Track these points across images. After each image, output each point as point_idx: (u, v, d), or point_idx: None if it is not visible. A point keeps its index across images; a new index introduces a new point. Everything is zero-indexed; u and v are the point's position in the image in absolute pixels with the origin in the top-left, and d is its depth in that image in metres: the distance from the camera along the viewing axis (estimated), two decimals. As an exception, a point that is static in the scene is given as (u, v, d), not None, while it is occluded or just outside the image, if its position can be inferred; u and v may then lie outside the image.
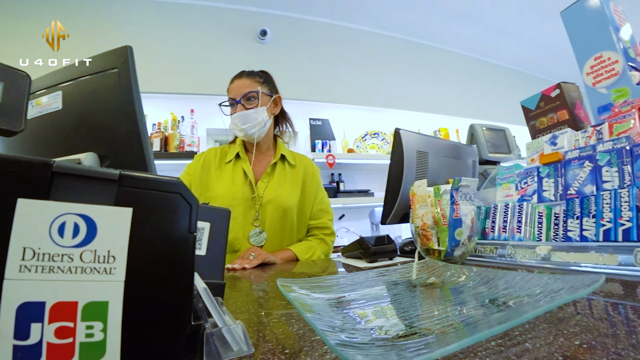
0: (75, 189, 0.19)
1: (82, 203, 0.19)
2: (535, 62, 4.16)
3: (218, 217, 0.41)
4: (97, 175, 0.19)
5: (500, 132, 1.69)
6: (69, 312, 0.18)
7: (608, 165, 0.67)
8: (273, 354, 0.29)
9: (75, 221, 0.19)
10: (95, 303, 0.19)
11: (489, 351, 0.28)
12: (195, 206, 0.22)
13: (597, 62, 1.03)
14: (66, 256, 0.18)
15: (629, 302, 0.40)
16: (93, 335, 0.19)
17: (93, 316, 0.19)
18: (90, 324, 0.19)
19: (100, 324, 0.19)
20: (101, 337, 0.19)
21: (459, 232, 0.68)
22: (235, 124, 1.16)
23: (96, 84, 0.65)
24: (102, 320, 0.19)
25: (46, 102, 0.70)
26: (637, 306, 0.39)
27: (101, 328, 0.19)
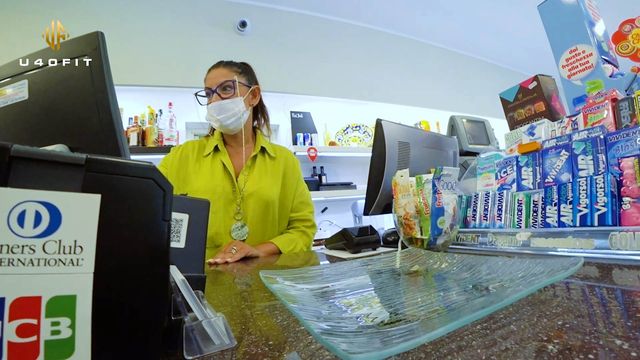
0: (36, 175, 0.17)
1: (44, 190, 0.17)
2: (513, 56, 4.27)
3: (197, 208, 0.40)
4: (61, 159, 0.18)
5: (479, 124, 1.72)
6: (32, 308, 0.17)
7: (583, 153, 0.69)
8: (257, 346, 0.29)
9: (36, 209, 0.17)
10: (61, 297, 0.17)
11: (475, 334, 0.28)
12: (169, 192, 0.21)
13: (572, 55, 1.06)
14: (27, 247, 0.17)
15: (605, 285, 0.41)
16: (60, 332, 0.17)
17: (59, 312, 0.17)
18: (56, 320, 0.17)
19: (67, 319, 0.18)
20: (69, 334, 0.18)
21: (441, 220, 0.69)
22: (211, 114, 1.12)
23: (65, 73, 0.61)
24: (70, 316, 0.18)
25: (11, 92, 0.65)
26: (613, 288, 0.40)
27: (68, 324, 0.18)
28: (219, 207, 1.08)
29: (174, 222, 0.37)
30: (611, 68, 1.03)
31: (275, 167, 1.22)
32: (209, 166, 1.14)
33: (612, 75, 1.00)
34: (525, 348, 0.25)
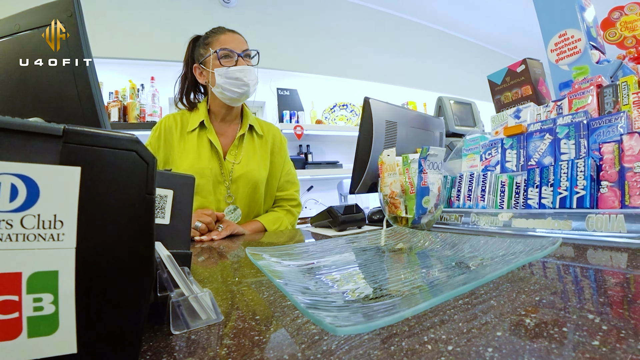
0: (10, 146, 0.16)
1: (20, 162, 0.16)
2: (502, 39, 4.26)
3: (181, 183, 0.39)
4: (36, 130, 0.17)
5: (466, 106, 1.73)
6: (12, 284, 0.16)
7: (566, 137, 0.70)
8: (243, 321, 0.29)
9: (12, 182, 0.16)
10: (42, 273, 0.17)
11: (457, 309, 0.29)
12: (152, 164, 0.20)
13: (561, 39, 1.07)
14: (4, 222, 0.16)
15: (580, 264, 0.43)
16: (42, 309, 0.17)
17: (41, 288, 0.17)
18: (39, 297, 0.17)
19: (50, 295, 0.17)
20: (52, 310, 0.17)
21: (426, 200, 0.70)
22: (236, 78, 1.03)
23: (38, 41, 0.58)
24: (52, 292, 0.17)
25: (-20, 61, 0.61)
26: (587, 267, 0.42)
27: (51, 300, 0.17)
28: (209, 190, 1.05)
29: (158, 198, 0.36)
30: (598, 54, 1.04)
31: (263, 145, 1.18)
32: (194, 144, 1.07)
33: (599, 61, 1.01)
34: (504, 322, 0.26)
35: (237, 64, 1.03)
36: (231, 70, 1.03)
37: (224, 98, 1.07)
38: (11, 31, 0.59)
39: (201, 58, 1.07)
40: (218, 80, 1.03)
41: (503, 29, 4.01)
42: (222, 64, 1.03)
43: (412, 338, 0.24)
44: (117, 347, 0.19)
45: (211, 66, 1.04)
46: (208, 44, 1.05)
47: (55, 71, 0.59)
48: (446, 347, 0.23)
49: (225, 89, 1.04)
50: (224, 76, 1.03)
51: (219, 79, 1.03)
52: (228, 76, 1.03)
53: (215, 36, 1.06)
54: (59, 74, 0.59)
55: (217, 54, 1.02)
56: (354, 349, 0.23)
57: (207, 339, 0.26)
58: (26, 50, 0.59)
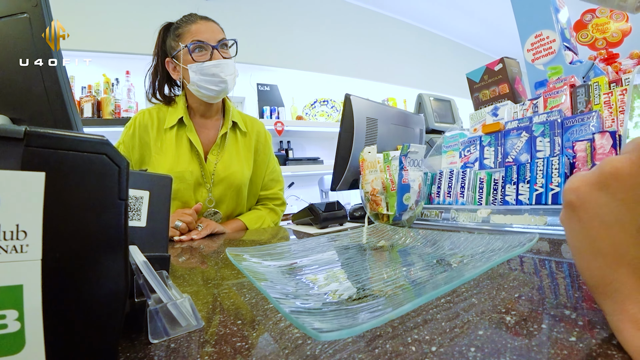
0: (-36, 150, 0.15)
1: (-26, 167, 0.15)
2: (480, 37, 4.36)
3: (158, 184, 0.38)
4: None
5: (446, 103, 1.76)
6: (-30, 300, 0.15)
7: (542, 135, 0.72)
8: (225, 326, 0.28)
9: (-34, 190, 0.15)
10: (4, 288, 0.15)
11: (439, 308, 0.30)
12: (124, 168, 0.19)
13: (537, 39, 1.09)
14: (-43, 233, 0.15)
15: (556, 258, 0.45)
16: (6, 326, 0.16)
17: (4, 304, 0.16)
18: (1, 313, 0.16)
19: (14, 312, 0.16)
20: (17, 327, 0.16)
21: (407, 197, 0.71)
22: (214, 73, 0.95)
23: (1, 32, 0.54)
24: (17, 308, 0.16)
25: None
26: (562, 261, 0.43)
27: (16, 317, 0.16)
28: (189, 195, 0.98)
29: (134, 199, 0.35)
30: (571, 55, 1.07)
31: (247, 143, 1.12)
32: (172, 143, 0.99)
33: (572, 62, 1.05)
34: (485, 320, 0.27)
35: (212, 57, 0.95)
36: (206, 66, 0.95)
37: (201, 96, 1.00)
38: (-30, 21, 0.55)
39: (173, 52, 0.99)
40: (192, 78, 0.96)
41: (481, 28, 4.10)
42: (195, 58, 0.95)
43: (396, 339, 0.24)
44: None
45: (183, 61, 0.96)
46: (179, 36, 0.97)
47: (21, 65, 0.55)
48: (430, 348, 0.23)
49: (200, 86, 0.97)
50: (199, 72, 0.95)
51: (193, 75, 0.96)
52: (203, 72, 0.95)
53: (187, 26, 0.97)
54: (24, 68, 0.55)
55: (188, 49, 0.94)
56: (338, 353, 0.23)
57: (188, 347, 0.25)
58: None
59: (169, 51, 1.01)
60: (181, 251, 0.71)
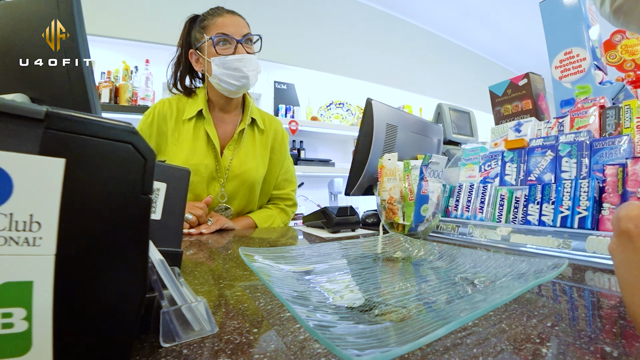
0: (-20, 127, 0.13)
1: (-10, 148, 0.13)
2: (503, 52, 4.30)
3: (176, 177, 0.36)
4: (13, 111, 0.14)
5: (465, 115, 1.72)
6: (-26, 295, 0.13)
7: (568, 156, 0.69)
8: (240, 334, 0.26)
9: (-21, 172, 0.13)
10: (13, 284, 0.14)
11: (467, 331, 0.28)
12: (151, 161, 0.17)
13: (566, 56, 1.06)
14: (-34, 220, 0.13)
15: (584, 286, 0.42)
16: (12, 326, 0.14)
17: (11, 301, 0.14)
18: (8, 311, 0.14)
19: (22, 310, 0.14)
20: (24, 327, 0.14)
21: (424, 208, 0.68)
22: (236, 67, 0.93)
23: (27, 10, 0.53)
24: (25, 306, 0.14)
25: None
26: (592, 290, 0.40)
27: (23, 316, 0.14)
28: (202, 189, 0.97)
29: (151, 192, 0.33)
30: (601, 75, 1.04)
31: (264, 141, 1.10)
32: (189, 135, 0.98)
33: (602, 82, 1.01)
34: (521, 350, 0.25)
35: (236, 51, 0.95)
36: (229, 60, 0.94)
37: (221, 90, 0.99)
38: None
39: (197, 43, 0.98)
40: (215, 71, 0.95)
41: (505, 41, 4.04)
42: (219, 52, 0.94)
43: (425, 367, 0.22)
44: (99, 369, 0.17)
45: (207, 54, 0.95)
46: (204, 28, 0.96)
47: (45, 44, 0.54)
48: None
49: (222, 80, 0.95)
50: (221, 66, 0.94)
51: (215, 69, 0.94)
52: (225, 66, 0.94)
53: (213, 19, 0.96)
54: (48, 47, 0.54)
55: (212, 41, 0.93)
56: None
57: (201, 354, 0.23)
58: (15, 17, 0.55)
59: (193, 43, 1.01)
60: (189, 245, 0.69)
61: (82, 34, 0.53)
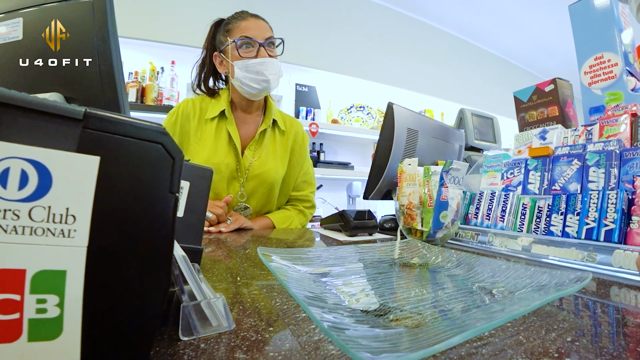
0: (24, 126, 0.14)
1: (33, 146, 0.14)
2: (529, 56, 4.18)
3: (199, 176, 0.37)
4: (55, 110, 0.15)
5: (488, 120, 1.69)
6: (15, 282, 0.14)
7: (596, 165, 0.67)
8: (256, 332, 0.27)
9: (23, 168, 0.14)
10: (48, 272, 0.15)
11: (483, 341, 0.27)
12: (179, 161, 0.18)
13: (597, 62, 1.02)
14: (10, 212, 0.14)
15: (608, 301, 0.41)
16: (46, 311, 0.15)
17: (46, 288, 0.15)
18: (43, 298, 0.15)
19: (55, 297, 0.15)
20: (56, 313, 0.15)
21: (444, 214, 0.67)
22: (258, 71, 0.95)
23: (65, 14, 0.57)
24: (58, 294, 0.15)
25: (4, 30, 0.60)
26: (618, 306, 0.39)
27: (56, 302, 0.15)
28: (223, 188, 0.99)
29: (174, 190, 0.34)
30: (634, 81, 0.99)
31: (284, 143, 1.12)
32: (212, 135, 1.00)
33: (634, 89, 0.97)
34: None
35: (259, 54, 0.96)
36: (251, 64, 0.95)
37: (243, 92, 1.01)
38: (39, 2, 0.58)
39: (221, 46, 1.00)
40: (237, 73, 0.97)
41: (531, 46, 3.93)
42: (242, 55, 0.96)
43: (438, 375, 0.22)
44: (125, 356, 0.17)
45: (230, 57, 0.97)
46: (228, 31, 0.99)
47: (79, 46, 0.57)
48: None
49: (244, 83, 0.97)
50: (244, 69, 0.96)
51: (238, 72, 0.96)
52: (247, 69, 0.96)
53: (237, 22, 0.98)
54: (82, 49, 0.57)
55: (235, 44, 0.95)
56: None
57: (218, 349, 0.24)
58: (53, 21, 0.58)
59: (217, 45, 1.03)
60: (209, 242, 0.71)
61: (114, 38, 0.56)
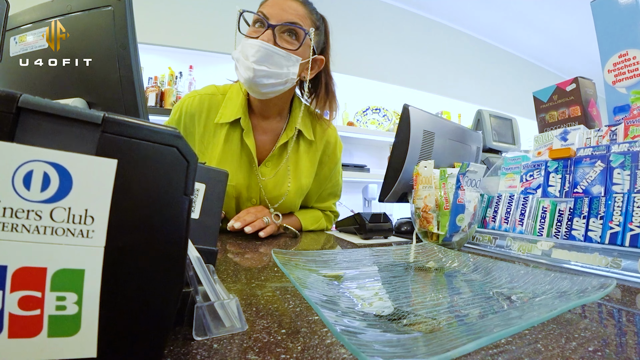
0: (46, 131, 0.15)
1: (54, 149, 0.15)
2: (548, 55, 4.07)
3: (214, 178, 0.38)
4: (75, 116, 0.16)
5: (506, 122, 1.65)
6: (36, 279, 0.15)
7: (621, 167, 0.64)
8: (269, 334, 0.27)
9: (45, 170, 0.15)
10: (68, 271, 0.16)
11: (499, 348, 0.26)
12: (193, 164, 0.18)
13: (621, 59, 0.99)
14: (33, 212, 0.15)
15: (634, 310, 0.39)
16: (65, 308, 0.16)
17: (65, 286, 0.16)
18: (62, 295, 0.16)
19: (74, 295, 0.16)
20: (75, 311, 0.16)
21: (460, 218, 0.66)
22: (246, 54, 0.74)
23: (88, 22, 0.59)
24: (77, 292, 0.16)
25: (31, 39, 0.63)
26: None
27: (75, 300, 0.16)
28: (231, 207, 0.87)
29: (190, 192, 0.35)
30: (661, 79, 0.95)
31: (312, 155, 0.95)
32: (220, 145, 0.84)
33: (662, 86, 0.93)
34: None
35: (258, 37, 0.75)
36: (244, 43, 0.75)
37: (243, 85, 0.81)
38: (63, 11, 0.61)
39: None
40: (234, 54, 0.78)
41: (551, 44, 3.82)
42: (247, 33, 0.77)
43: (453, 381, 0.22)
44: (139, 354, 0.18)
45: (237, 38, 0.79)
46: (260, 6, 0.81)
47: (101, 53, 0.60)
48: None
49: (237, 69, 0.77)
50: (240, 50, 0.76)
51: (235, 52, 0.78)
52: (242, 51, 0.75)
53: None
54: (104, 57, 0.59)
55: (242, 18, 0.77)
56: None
57: (230, 350, 0.24)
58: (76, 30, 0.60)
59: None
60: (224, 244, 0.72)
61: (134, 44, 0.57)
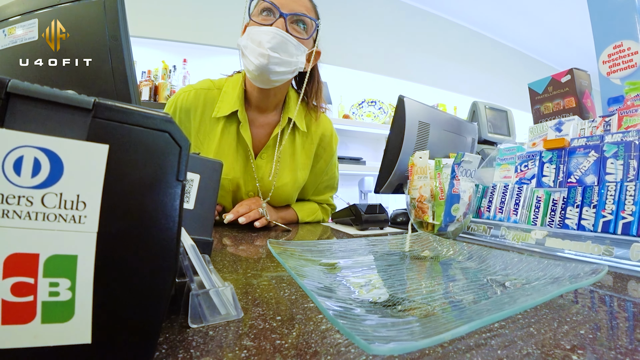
0: (36, 116, 0.15)
1: (45, 135, 0.15)
2: (544, 47, 4.06)
3: (209, 169, 0.38)
4: (65, 101, 0.16)
5: (502, 113, 1.65)
6: (29, 265, 0.15)
7: (614, 157, 0.65)
8: (264, 320, 0.27)
9: (35, 156, 0.15)
10: (60, 257, 0.16)
11: (492, 332, 0.27)
12: (185, 149, 0.18)
13: (615, 50, 0.99)
14: (24, 198, 0.15)
15: (625, 296, 0.40)
16: (58, 294, 0.16)
17: (58, 272, 0.16)
18: (55, 281, 0.16)
19: (67, 281, 0.16)
20: (68, 297, 0.16)
21: (455, 207, 0.67)
22: (260, 41, 0.73)
23: (78, 14, 0.58)
24: (70, 277, 0.16)
25: (20, 32, 0.62)
26: (634, 301, 0.38)
27: (68, 286, 0.16)
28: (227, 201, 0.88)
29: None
30: (656, 70, 0.96)
31: (307, 147, 0.96)
32: (217, 139, 0.85)
33: (656, 77, 0.94)
34: (547, 355, 0.24)
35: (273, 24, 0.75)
36: (255, 30, 0.74)
37: (247, 73, 0.81)
38: (53, 2, 0.60)
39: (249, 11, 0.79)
40: (241, 41, 0.77)
41: (546, 36, 3.82)
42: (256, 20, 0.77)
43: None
44: (134, 340, 0.18)
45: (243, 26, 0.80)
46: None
47: (92, 45, 0.59)
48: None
49: (245, 56, 0.77)
50: (248, 38, 0.75)
51: (242, 40, 0.77)
52: (252, 38, 0.75)
53: None
54: (95, 48, 0.59)
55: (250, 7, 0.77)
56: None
57: (226, 337, 0.24)
58: (67, 21, 0.59)
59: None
60: (220, 234, 0.72)
61: (126, 36, 0.57)
